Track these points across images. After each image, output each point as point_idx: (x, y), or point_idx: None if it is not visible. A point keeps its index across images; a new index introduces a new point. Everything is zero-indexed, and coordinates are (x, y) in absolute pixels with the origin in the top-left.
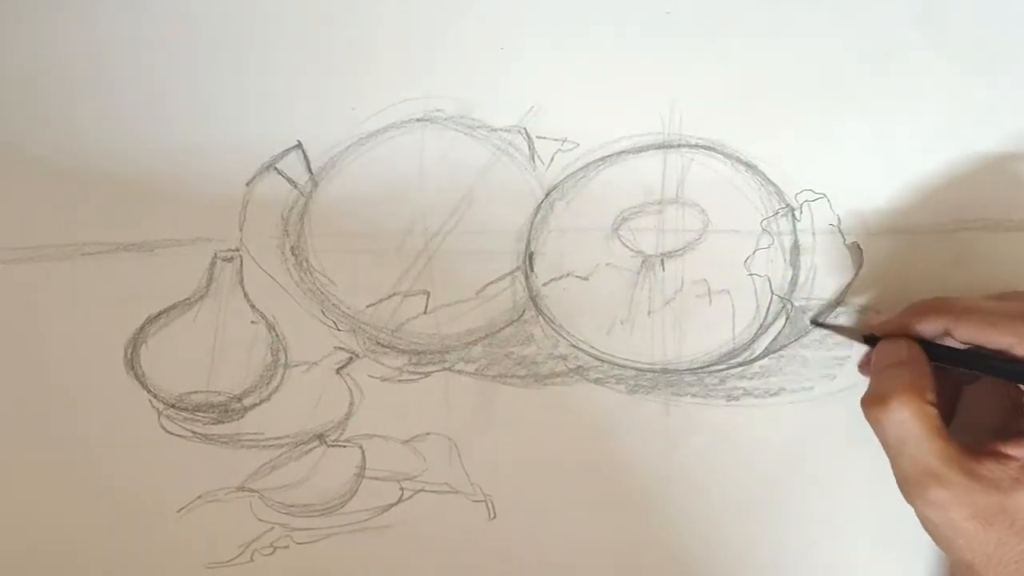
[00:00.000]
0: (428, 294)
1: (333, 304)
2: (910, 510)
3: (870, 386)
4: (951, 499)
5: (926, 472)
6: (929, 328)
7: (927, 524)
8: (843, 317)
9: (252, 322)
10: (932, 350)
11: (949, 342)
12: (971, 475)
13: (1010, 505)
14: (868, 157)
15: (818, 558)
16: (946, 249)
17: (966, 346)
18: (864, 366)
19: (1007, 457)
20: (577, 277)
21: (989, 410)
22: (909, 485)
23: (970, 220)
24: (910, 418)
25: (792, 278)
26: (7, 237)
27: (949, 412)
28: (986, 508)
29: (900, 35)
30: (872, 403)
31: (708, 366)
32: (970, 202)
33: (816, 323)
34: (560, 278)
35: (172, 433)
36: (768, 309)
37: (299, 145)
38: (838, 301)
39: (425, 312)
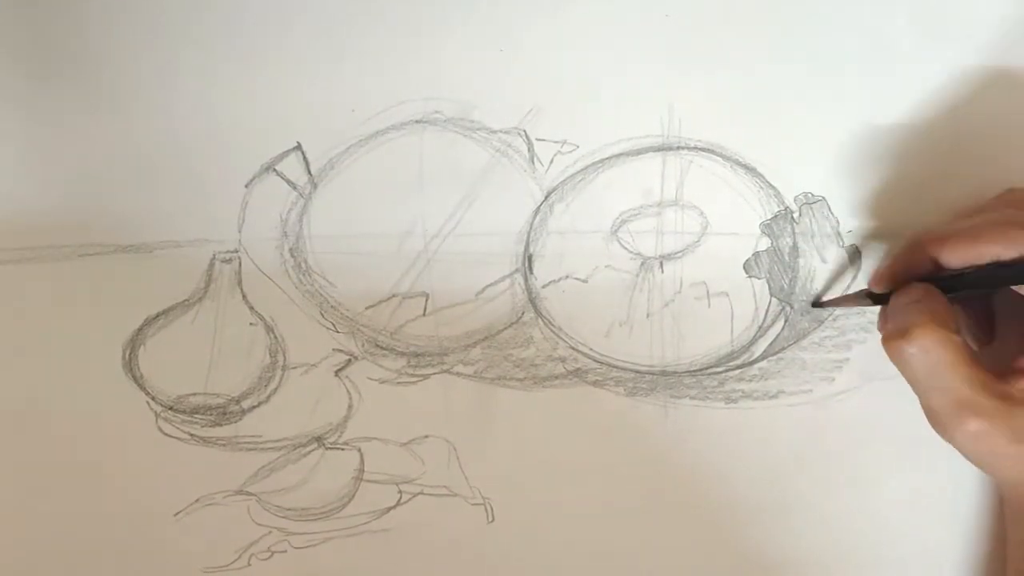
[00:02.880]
0: (427, 296)
1: (332, 306)
2: (909, 511)
3: (890, 323)
4: (990, 428)
5: (959, 403)
6: (920, 264)
7: (968, 455)
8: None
9: (251, 324)
10: (940, 285)
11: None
12: (1005, 398)
13: None
14: (867, 159)
15: (817, 560)
16: None
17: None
18: (883, 326)
19: None
20: (576, 279)
21: (1009, 328)
22: (943, 420)
23: None
24: (936, 346)
25: (791, 281)
26: (5, 237)
27: (989, 334)
28: None
29: (899, 37)
30: (895, 337)
31: (707, 368)
32: (970, 203)
33: (817, 304)
34: (559, 280)
35: (170, 435)
36: (767, 311)
37: (298, 146)
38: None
39: (424, 314)
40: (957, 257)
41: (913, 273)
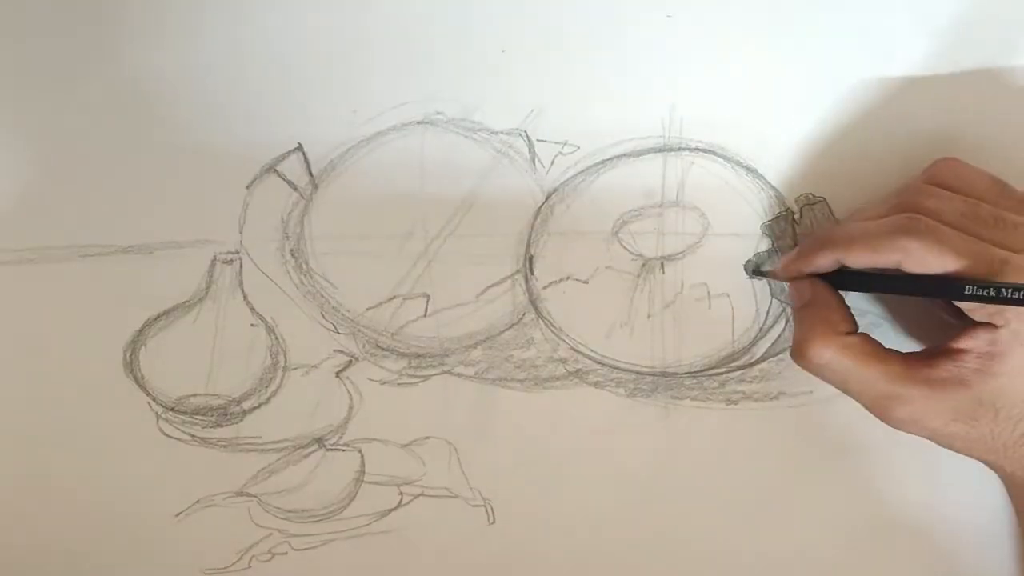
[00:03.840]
0: (428, 297)
1: (333, 307)
2: (912, 512)
3: (792, 338)
4: (921, 411)
5: (881, 397)
6: (824, 263)
7: (921, 436)
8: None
9: (251, 325)
10: (841, 280)
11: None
12: (928, 382)
13: (984, 396)
14: (868, 160)
15: (818, 561)
16: None
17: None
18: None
19: (960, 352)
20: (577, 280)
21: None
22: (876, 412)
23: None
24: (833, 357)
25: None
26: (6, 238)
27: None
28: (963, 407)
29: (901, 38)
30: (796, 357)
31: (708, 369)
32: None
33: (755, 273)
34: (560, 281)
35: (171, 436)
36: (768, 312)
37: (299, 148)
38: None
39: (425, 315)
40: (859, 262)
41: (820, 266)
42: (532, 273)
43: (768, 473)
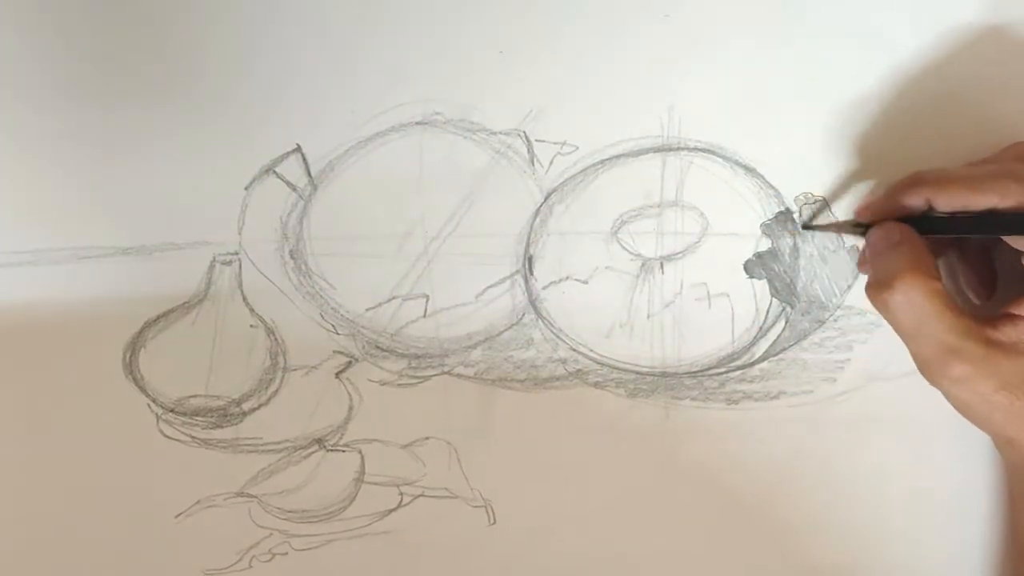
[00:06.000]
0: (427, 298)
1: (332, 308)
2: (910, 513)
3: (872, 272)
4: (975, 372)
5: (945, 349)
6: (912, 202)
7: (959, 405)
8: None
9: (251, 326)
10: (924, 224)
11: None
12: (990, 344)
13: None
14: (868, 160)
15: (819, 561)
16: None
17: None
18: (863, 263)
19: (1020, 318)
20: (576, 280)
21: (1006, 282)
22: (930, 365)
23: None
24: (919, 297)
25: (791, 281)
26: (5, 241)
27: (990, 281)
28: (1012, 376)
29: (899, 40)
30: (878, 289)
31: (708, 369)
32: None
33: (808, 227)
34: (559, 281)
35: (170, 437)
36: (768, 312)
37: (298, 148)
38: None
39: (424, 316)
40: (953, 201)
41: (902, 210)
42: (531, 273)
43: (768, 472)
